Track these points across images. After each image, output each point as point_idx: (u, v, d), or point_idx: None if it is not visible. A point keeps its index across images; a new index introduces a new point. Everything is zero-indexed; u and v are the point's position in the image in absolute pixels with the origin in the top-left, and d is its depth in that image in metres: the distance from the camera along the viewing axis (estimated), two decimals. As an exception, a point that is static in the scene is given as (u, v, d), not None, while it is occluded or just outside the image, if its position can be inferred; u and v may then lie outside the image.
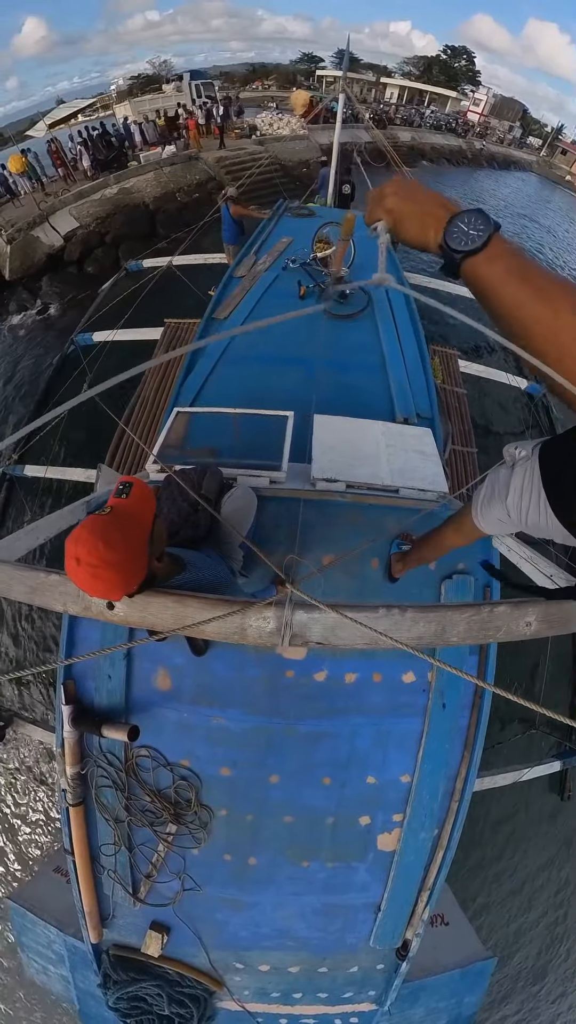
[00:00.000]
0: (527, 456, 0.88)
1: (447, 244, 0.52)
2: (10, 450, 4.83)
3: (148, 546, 0.86)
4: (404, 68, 30.46)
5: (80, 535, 0.78)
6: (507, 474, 0.92)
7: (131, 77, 23.88)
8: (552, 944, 3.80)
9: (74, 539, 0.78)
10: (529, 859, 3.88)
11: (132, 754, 1.72)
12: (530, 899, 3.82)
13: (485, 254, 0.50)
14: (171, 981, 1.79)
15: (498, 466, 0.98)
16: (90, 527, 0.79)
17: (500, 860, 3.83)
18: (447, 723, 1.70)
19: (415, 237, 0.57)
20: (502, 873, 3.81)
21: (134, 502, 0.87)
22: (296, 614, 0.73)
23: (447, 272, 0.54)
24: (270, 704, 1.68)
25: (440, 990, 1.90)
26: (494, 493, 0.95)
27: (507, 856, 3.85)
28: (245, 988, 1.84)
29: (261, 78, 30.96)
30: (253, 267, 4.19)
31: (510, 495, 0.89)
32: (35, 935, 1.97)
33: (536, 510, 0.83)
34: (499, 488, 0.93)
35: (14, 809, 3.89)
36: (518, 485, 0.87)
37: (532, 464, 0.85)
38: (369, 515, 1.78)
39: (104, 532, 0.79)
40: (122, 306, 5.14)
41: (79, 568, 0.76)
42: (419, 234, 0.57)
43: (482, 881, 3.74)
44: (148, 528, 0.88)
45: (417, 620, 0.72)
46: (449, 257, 0.52)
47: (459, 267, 0.52)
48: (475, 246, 0.50)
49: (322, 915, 1.78)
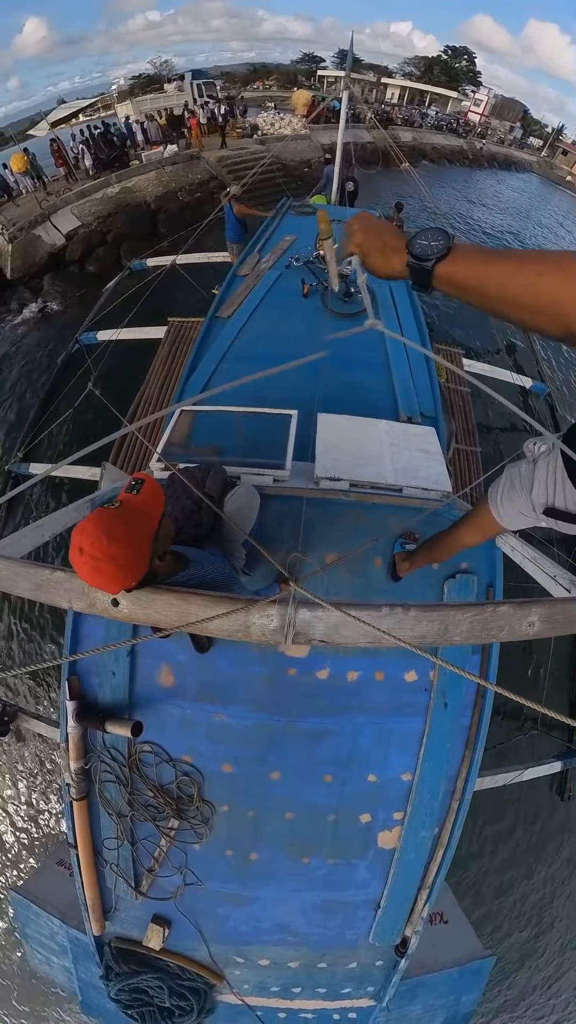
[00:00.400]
0: (548, 450, 0.91)
1: (415, 259, 0.57)
2: (15, 448, 4.86)
3: (152, 544, 0.87)
4: (405, 68, 30.39)
5: (86, 526, 0.80)
6: (529, 468, 0.94)
7: (132, 77, 23.89)
8: (550, 937, 3.80)
9: (80, 529, 0.80)
10: (529, 859, 3.89)
11: (135, 750, 1.73)
12: (529, 898, 3.83)
13: (454, 255, 0.55)
14: (172, 974, 1.81)
15: (517, 461, 1.00)
16: (96, 520, 0.81)
17: (499, 860, 3.84)
18: (449, 722, 1.71)
19: (382, 268, 0.64)
20: (502, 872, 3.81)
21: (144, 498, 0.88)
22: (299, 612, 0.73)
23: (420, 286, 0.59)
24: (272, 701, 1.69)
25: (438, 987, 1.90)
26: (514, 486, 0.98)
27: (507, 856, 3.86)
28: (245, 982, 1.85)
29: (262, 78, 30.83)
30: (256, 265, 4.18)
31: (535, 489, 0.91)
32: (38, 927, 1.99)
33: (563, 499, 0.86)
34: (522, 482, 0.96)
35: (19, 802, 3.93)
36: (542, 477, 0.90)
37: (555, 456, 0.88)
38: (372, 514, 1.79)
39: (109, 526, 0.80)
40: (126, 305, 5.15)
41: (81, 558, 0.77)
42: (384, 264, 0.63)
43: (482, 880, 3.74)
44: (155, 525, 0.89)
45: (420, 619, 0.72)
46: (419, 270, 0.57)
47: (431, 275, 0.57)
48: (442, 252, 0.56)
49: (322, 911, 1.79)
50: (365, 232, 0.65)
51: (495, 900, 3.73)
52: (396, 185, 12.04)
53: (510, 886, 3.81)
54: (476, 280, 0.54)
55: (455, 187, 16.49)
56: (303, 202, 6.05)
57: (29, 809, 3.91)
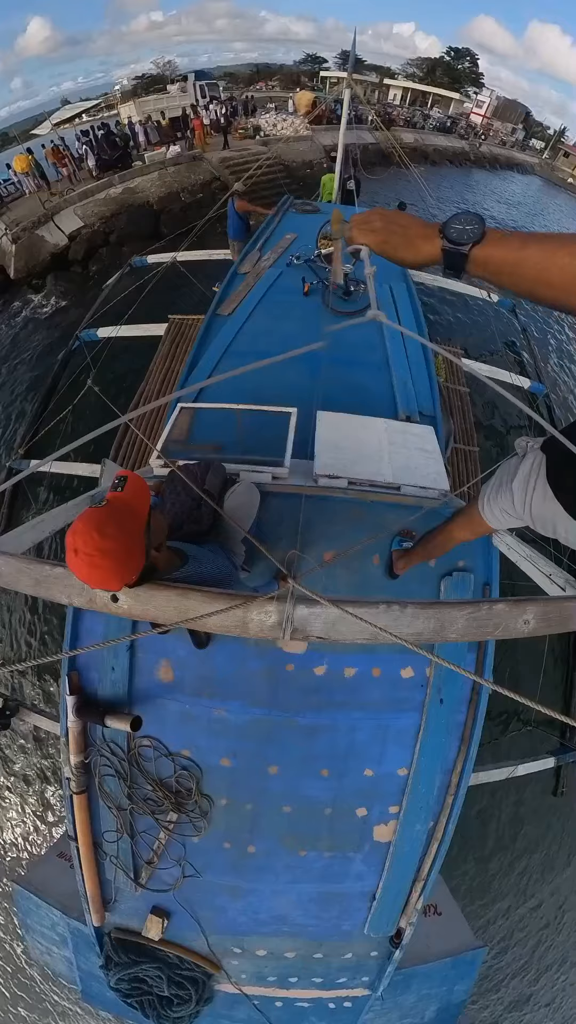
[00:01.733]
0: (535, 446, 0.93)
1: (452, 244, 0.59)
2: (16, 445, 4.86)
3: (145, 535, 0.87)
4: (408, 70, 30.20)
5: (77, 527, 0.81)
6: (517, 462, 0.97)
7: (135, 77, 23.73)
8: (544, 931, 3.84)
9: (72, 531, 0.81)
10: (523, 853, 3.92)
11: (135, 744, 1.75)
12: (524, 891, 3.87)
13: (489, 239, 0.57)
14: (171, 964, 1.83)
15: (509, 457, 1.02)
16: (86, 519, 0.81)
17: (493, 853, 3.87)
18: (444, 718, 1.72)
19: (411, 256, 0.65)
20: (496, 865, 3.85)
21: (129, 494, 0.89)
22: (297, 608, 0.73)
23: (454, 270, 0.61)
24: (270, 697, 1.70)
25: (432, 977, 1.93)
26: (502, 483, 1.00)
27: (500, 849, 3.89)
28: (242, 972, 1.88)
29: (265, 79, 30.72)
30: (257, 263, 4.19)
31: (516, 478, 0.94)
32: (39, 917, 2.01)
33: (541, 498, 0.88)
34: (507, 476, 0.98)
35: (20, 795, 3.97)
36: (525, 471, 0.93)
37: (539, 452, 0.90)
38: (371, 512, 1.80)
39: (99, 522, 0.81)
40: (126, 302, 5.15)
41: (77, 558, 0.77)
42: (413, 253, 0.65)
43: (476, 873, 3.78)
44: (143, 518, 0.90)
45: (417, 616, 0.73)
46: (455, 254, 0.59)
47: (467, 259, 0.59)
48: (478, 236, 0.57)
49: (318, 903, 1.81)
50: (387, 223, 0.66)
51: (489, 893, 3.77)
52: (397, 186, 12.04)
53: (504, 880, 3.85)
54: (513, 263, 0.55)
55: (456, 188, 16.49)
56: (304, 200, 6.06)
57: (30, 802, 3.94)
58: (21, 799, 3.96)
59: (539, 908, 3.88)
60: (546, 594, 1.88)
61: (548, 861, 3.95)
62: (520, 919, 3.82)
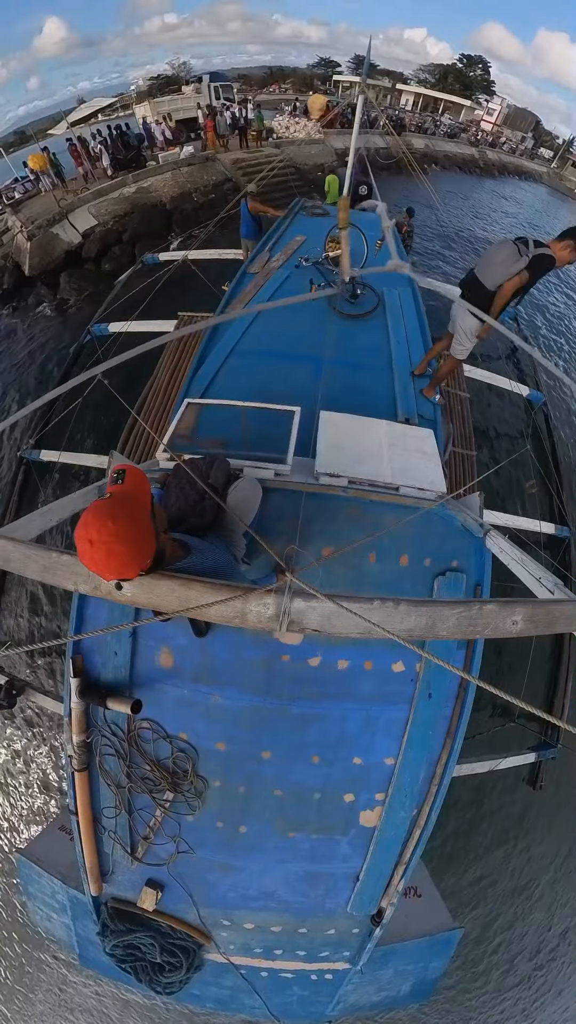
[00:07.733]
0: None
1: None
2: (27, 435, 4.95)
3: (152, 520, 0.89)
4: (420, 75, 29.97)
5: (87, 519, 0.80)
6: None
7: (151, 78, 23.79)
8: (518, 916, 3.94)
9: (83, 524, 0.80)
10: (500, 842, 4.01)
11: (134, 726, 1.80)
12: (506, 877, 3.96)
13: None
14: (163, 933, 1.90)
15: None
16: (95, 510, 0.81)
17: (473, 842, 3.95)
18: (432, 712, 1.76)
19: None
20: (475, 852, 3.93)
21: (130, 485, 0.89)
22: (295, 602, 0.76)
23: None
24: (266, 685, 1.74)
25: (409, 955, 1.99)
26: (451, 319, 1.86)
27: (479, 838, 3.97)
28: (231, 943, 1.94)
29: (279, 81, 30.66)
30: (266, 264, 4.24)
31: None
32: (41, 886, 2.09)
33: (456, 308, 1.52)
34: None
35: (24, 772, 4.09)
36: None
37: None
38: (369, 511, 1.82)
39: (110, 511, 0.81)
40: (138, 298, 5.21)
41: (93, 548, 0.77)
42: None
43: (455, 858, 3.87)
44: (147, 506, 0.91)
45: (409, 613, 0.75)
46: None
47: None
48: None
49: (305, 881, 1.87)
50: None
51: (467, 876, 3.85)
52: (406, 190, 12.05)
53: (482, 865, 3.93)
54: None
55: (465, 195, 16.45)
56: (314, 203, 6.10)
57: (34, 778, 4.06)
58: (25, 774, 4.07)
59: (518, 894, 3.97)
60: (535, 597, 1.93)
61: (527, 849, 4.03)
62: (498, 901, 3.92)
